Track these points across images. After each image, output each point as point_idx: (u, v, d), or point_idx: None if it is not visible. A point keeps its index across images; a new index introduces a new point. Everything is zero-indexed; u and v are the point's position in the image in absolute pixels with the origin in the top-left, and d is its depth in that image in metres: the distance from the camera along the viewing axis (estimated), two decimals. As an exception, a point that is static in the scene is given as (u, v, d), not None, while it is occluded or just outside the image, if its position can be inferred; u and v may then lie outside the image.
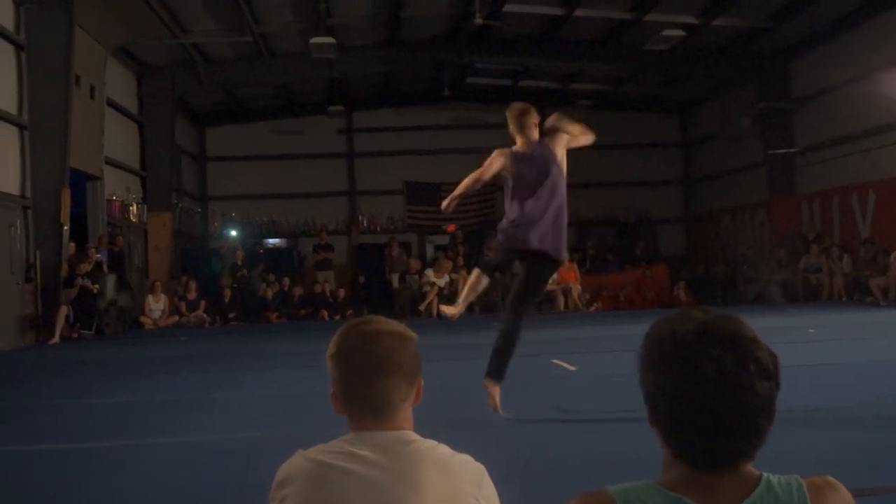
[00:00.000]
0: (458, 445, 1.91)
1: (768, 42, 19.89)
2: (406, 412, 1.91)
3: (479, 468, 1.87)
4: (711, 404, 1.37)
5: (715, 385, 1.36)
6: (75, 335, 15.18)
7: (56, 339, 14.36)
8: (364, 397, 1.87)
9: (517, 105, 6.28)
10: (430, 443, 1.88)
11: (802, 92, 20.56)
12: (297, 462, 1.84)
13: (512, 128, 6.22)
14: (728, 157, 23.82)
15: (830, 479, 1.47)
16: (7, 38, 13.94)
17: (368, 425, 1.86)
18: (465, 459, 1.87)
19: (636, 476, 1.52)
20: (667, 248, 25.87)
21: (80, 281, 15.17)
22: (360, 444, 1.83)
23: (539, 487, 4.07)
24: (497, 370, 6.07)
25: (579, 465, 4.52)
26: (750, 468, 1.43)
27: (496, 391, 6.01)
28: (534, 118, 6.19)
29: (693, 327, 1.42)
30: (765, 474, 1.43)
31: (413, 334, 1.95)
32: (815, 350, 9.46)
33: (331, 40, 16.96)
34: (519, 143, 6.20)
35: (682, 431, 1.40)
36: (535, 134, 6.19)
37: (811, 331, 11.71)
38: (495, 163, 6.11)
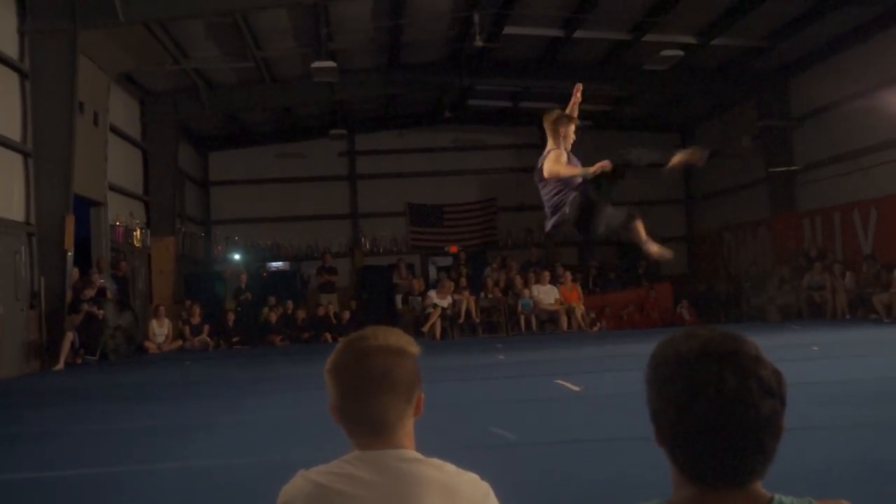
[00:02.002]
0: (462, 467, 1.91)
1: (767, 60, 19.99)
2: (405, 428, 1.88)
3: (484, 488, 1.85)
4: (712, 421, 1.37)
5: (715, 402, 1.37)
6: (79, 361, 15.18)
7: (61, 366, 14.35)
8: (359, 416, 1.84)
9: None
10: (434, 463, 1.85)
11: (802, 110, 20.63)
12: (298, 485, 1.83)
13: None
14: (729, 175, 23.86)
15: (844, 501, 1.47)
16: (11, 65, 14.04)
17: (367, 443, 1.84)
18: (470, 480, 1.85)
19: (642, 497, 1.53)
20: (669, 267, 25.82)
21: (85, 307, 15.19)
22: (360, 465, 1.81)
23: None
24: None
25: (585, 486, 4.52)
26: (761, 489, 1.43)
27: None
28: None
29: (695, 345, 1.43)
30: (776, 496, 1.43)
31: (414, 349, 1.90)
32: (820, 367, 9.45)
33: (332, 64, 17.06)
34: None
35: (687, 449, 1.41)
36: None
37: (815, 348, 11.70)
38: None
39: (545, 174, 7.49)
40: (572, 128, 7.59)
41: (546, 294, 20.03)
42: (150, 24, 15.74)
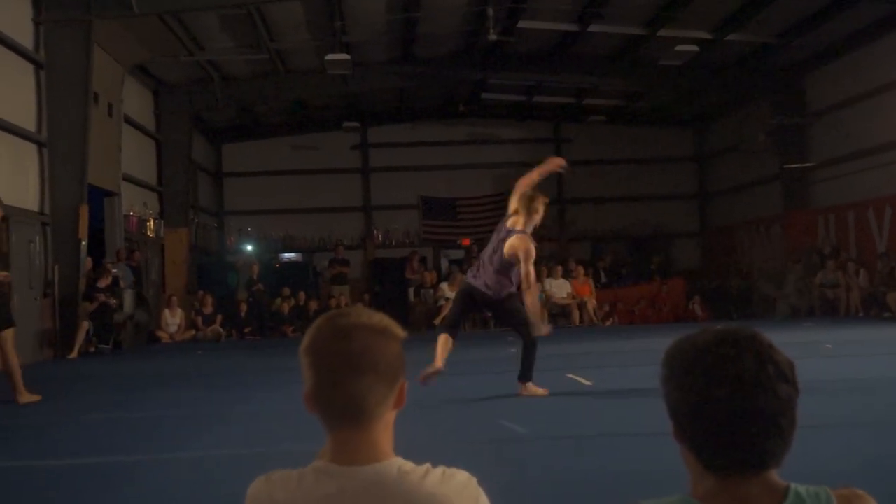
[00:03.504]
0: (470, 462, 1.85)
1: (783, 57, 19.88)
2: (384, 418, 1.68)
3: (471, 491, 1.66)
4: (733, 406, 1.40)
5: (736, 385, 1.40)
6: (93, 350, 15.27)
7: (75, 354, 14.46)
8: (335, 399, 1.65)
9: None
10: (417, 473, 1.64)
11: (818, 106, 20.52)
12: (258, 499, 1.69)
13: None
14: (743, 171, 23.78)
15: (859, 491, 1.49)
16: (26, 56, 14.12)
17: (342, 435, 1.66)
18: (457, 486, 1.64)
19: (652, 492, 1.53)
20: (682, 263, 25.81)
21: (102, 297, 15.27)
22: (332, 483, 1.62)
23: None
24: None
25: (596, 481, 4.52)
26: (778, 478, 1.45)
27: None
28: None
29: (711, 336, 1.47)
30: (793, 485, 1.45)
31: (399, 332, 1.72)
32: (833, 365, 9.41)
33: (346, 57, 17.07)
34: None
35: (708, 438, 1.43)
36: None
37: (828, 346, 11.65)
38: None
39: (512, 254, 7.51)
40: (543, 207, 7.69)
41: (558, 288, 20.02)
42: (164, 16, 15.78)
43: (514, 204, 7.73)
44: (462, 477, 1.66)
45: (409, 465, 1.65)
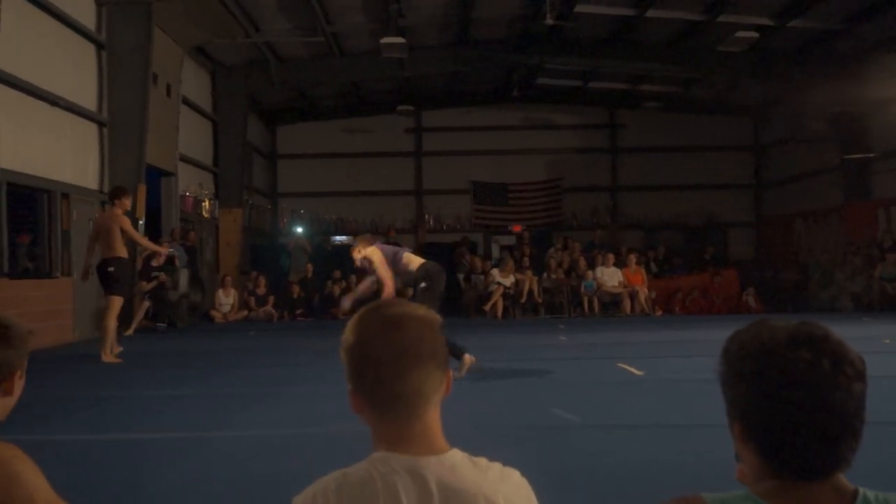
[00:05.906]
0: (521, 449, 1.87)
1: (845, 44, 19.40)
2: (437, 407, 1.66)
3: (524, 492, 1.66)
4: (811, 411, 1.35)
5: (813, 390, 1.35)
6: (149, 326, 15.56)
7: (131, 331, 14.73)
8: (392, 392, 1.61)
9: None
10: (480, 467, 1.63)
11: (880, 95, 19.99)
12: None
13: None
14: (801, 160, 23.31)
15: None
16: (88, 37, 14.35)
17: (397, 431, 1.62)
18: (513, 486, 1.64)
19: (701, 485, 1.51)
20: (736, 253, 25.45)
21: (163, 276, 15.52)
22: (398, 479, 1.57)
23: (600, 494, 4.05)
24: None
25: (646, 472, 4.49)
26: (845, 481, 1.40)
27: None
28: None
29: (782, 336, 1.40)
30: (861, 489, 1.40)
31: (438, 316, 1.71)
32: (891, 361, 9.21)
33: (401, 40, 17.07)
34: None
35: (783, 443, 1.37)
36: None
37: (886, 341, 11.41)
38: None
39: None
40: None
41: (610, 276, 19.87)
42: (223, -2, 15.93)
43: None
44: (517, 475, 1.66)
45: (469, 457, 1.64)
